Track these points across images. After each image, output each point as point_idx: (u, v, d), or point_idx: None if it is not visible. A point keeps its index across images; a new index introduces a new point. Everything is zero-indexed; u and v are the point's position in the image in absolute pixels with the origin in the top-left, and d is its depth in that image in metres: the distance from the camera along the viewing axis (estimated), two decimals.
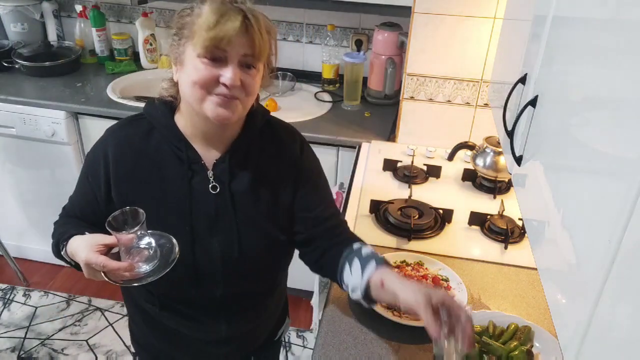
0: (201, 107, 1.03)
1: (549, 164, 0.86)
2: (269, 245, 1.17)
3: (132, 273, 0.99)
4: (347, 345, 1.17)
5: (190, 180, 1.10)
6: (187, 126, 1.10)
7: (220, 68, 1.00)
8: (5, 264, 2.70)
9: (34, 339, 2.39)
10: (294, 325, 2.48)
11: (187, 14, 1.02)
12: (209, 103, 1.02)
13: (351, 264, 1.11)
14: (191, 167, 1.10)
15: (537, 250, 0.88)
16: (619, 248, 0.56)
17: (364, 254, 1.11)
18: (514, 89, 1.09)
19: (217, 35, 0.97)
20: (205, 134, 1.10)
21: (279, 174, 1.17)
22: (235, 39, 0.98)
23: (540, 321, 1.24)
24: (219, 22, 0.97)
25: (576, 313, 0.65)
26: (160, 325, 1.25)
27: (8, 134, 2.37)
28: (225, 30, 0.97)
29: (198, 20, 0.99)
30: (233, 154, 1.13)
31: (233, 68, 1.00)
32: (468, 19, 1.83)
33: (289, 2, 2.29)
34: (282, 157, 1.18)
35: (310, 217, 1.19)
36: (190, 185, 1.10)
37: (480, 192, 1.80)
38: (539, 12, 1.03)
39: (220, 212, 1.12)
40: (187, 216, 1.10)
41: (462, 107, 1.99)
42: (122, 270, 0.97)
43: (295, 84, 2.50)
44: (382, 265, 1.08)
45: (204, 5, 1.00)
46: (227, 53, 1.00)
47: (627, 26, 0.61)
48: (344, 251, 1.15)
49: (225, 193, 1.12)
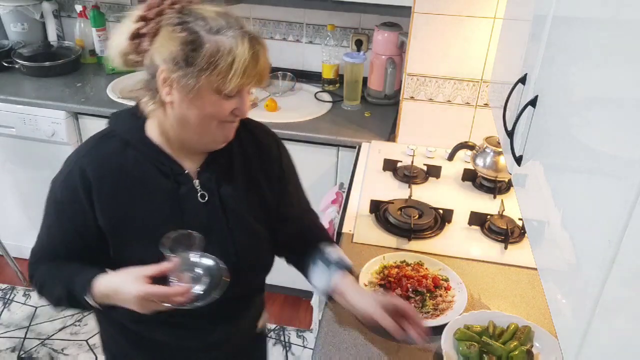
0: (206, 138, 1.04)
1: (549, 164, 0.86)
2: (262, 246, 1.18)
3: (187, 296, 0.97)
4: (347, 345, 1.17)
5: (178, 192, 1.08)
6: (162, 137, 1.06)
7: (233, 99, 1.00)
8: (5, 264, 2.70)
9: (34, 339, 2.39)
10: (294, 325, 2.48)
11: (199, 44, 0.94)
12: (218, 133, 1.04)
13: (320, 266, 1.19)
14: (176, 179, 1.08)
15: (537, 250, 0.88)
16: (619, 248, 0.56)
17: (332, 260, 1.18)
18: (514, 89, 1.09)
19: (252, 78, 0.97)
20: (182, 145, 1.07)
21: (264, 175, 1.18)
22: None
23: (540, 321, 1.24)
24: (256, 66, 0.96)
25: (576, 313, 0.65)
26: (145, 340, 1.19)
27: (8, 134, 2.37)
28: (258, 71, 0.97)
29: (229, 60, 0.93)
30: (215, 160, 1.11)
31: (247, 99, 1.01)
32: (468, 19, 1.83)
33: (289, 2, 2.29)
34: (263, 157, 1.18)
35: (293, 214, 1.24)
36: (179, 197, 1.08)
37: (480, 192, 1.80)
38: (539, 12, 1.03)
39: (212, 220, 1.10)
40: (180, 229, 1.05)
41: (462, 107, 1.99)
42: (179, 296, 0.95)
43: (295, 84, 2.50)
44: (346, 276, 1.17)
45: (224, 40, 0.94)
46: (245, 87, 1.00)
47: (627, 26, 0.61)
48: (316, 253, 1.21)
49: (214, 200, 1.10)
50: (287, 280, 2.49)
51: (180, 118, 1.01)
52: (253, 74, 0.96)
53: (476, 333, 1.16)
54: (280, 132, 2.10)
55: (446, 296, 1.30)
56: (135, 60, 1.00)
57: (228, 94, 0.97)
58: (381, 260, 1.40)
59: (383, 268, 1.38)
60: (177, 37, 0.95)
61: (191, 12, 0.97)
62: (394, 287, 1.29)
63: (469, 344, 1.12)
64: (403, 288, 1.29)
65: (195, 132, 1.03)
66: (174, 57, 0.94)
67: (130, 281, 0.96)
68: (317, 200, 1.93)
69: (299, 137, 2.10)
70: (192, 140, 1.05)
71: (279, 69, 2.58)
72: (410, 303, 1.26)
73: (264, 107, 2.29)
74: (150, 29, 0.97)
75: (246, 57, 0.94)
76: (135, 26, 0.98)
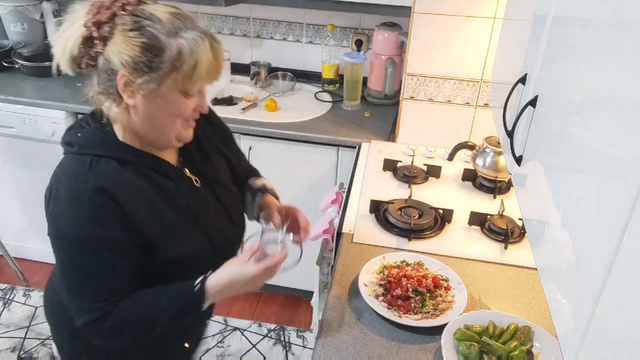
0: (171, 136, 1.05)
1: (549, 164, 0.86)
2: (241, 206, 1.31)
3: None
4: (347, 345, 1.17)
5: (179, 186, 1.11)
6: (138, 140, 1.06)
7: (194, 97, 1.03)
8: (5, 264, 2.70)
9: (34, 339, 2.39)
10: (294, 325, 2.48)
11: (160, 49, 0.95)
12: (182, 131, 1.06)
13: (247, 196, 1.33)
14: (171, 174, 1.10)
15: (537, 250, 0.88)
16: (619, 248, 0.56)
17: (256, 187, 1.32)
18: (514, 89, 1.09)
19: (214, 76, 1.00)
20: (153, 143, 1.09)
21: (221, 140, 1.26)
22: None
23: (540, 321, 1.24)
24: (217, 64, 1.00)
25: (576, 313, 0.65)
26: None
27: (8, 134, 2.37)
28: (218, 69, 1.01)
29: (191, 62, 0.95)
30: (188, 145, 1.14)
31: (206, 95, 1.05)
32: (468, 19, 1.83)
33: (289, 2, 2.29)
34: (213, 125, 1.25)
35: (243, 165, 1.36)
36: (182, 190, 1.11)
37: (480, 192, 1.80)
38: (539, 12, 1.03)
39: (210, 199, 1.17)
40: (198, 220, 1.12)
41: (462, 107, 1.99)
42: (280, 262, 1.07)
43: (295, 84, 2.50)
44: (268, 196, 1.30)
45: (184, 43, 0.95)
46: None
47: (627, 26, 0.61)
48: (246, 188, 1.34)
49: (204, 181, 1.17)
50: (287, 280, 2.50)
51: (145, 120, 1.02)
52: (214, 72, 1.00)
53: (476, 333, 1.16)
54: (281, 132, 2.11)
55: (446, 296, 1.30)
56: (87, 64, 0.99)
57: (191, 94, 1.01)
58: (381, 260, 1.41)
59: (383, 268, 1.38)
60: (137, 42, 0.94)
61: (145, 14, 0.96)
62: (394, 287, 1.29)
63: (469, 344, 1.12)
64: (403, 288, 1.29)
65: (162, 132, 1.05)
66: (135, 62, 0.95)
67: (241, 268, 1.05)
68: (317, 200, 1.93)
69: (299, 137, 2.10)
70: (160, 139, 1.07)
71: (279, 69, 2.58)
72: (410, 303, 1.26)
73: (264, 107, 2.29)
74: (104, 32, 0.95)
75: (209, 57, 0.97)
76: (85, 30, 0.96)
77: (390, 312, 1.24)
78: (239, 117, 2.18)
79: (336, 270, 1.40)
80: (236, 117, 2.18)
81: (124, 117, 1.02)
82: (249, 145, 2.16)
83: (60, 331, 1.25)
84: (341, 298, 1.30)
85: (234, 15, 2.58)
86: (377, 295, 1.29)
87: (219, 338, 2.38)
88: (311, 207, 2.13)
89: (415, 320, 1.22)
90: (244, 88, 2.50)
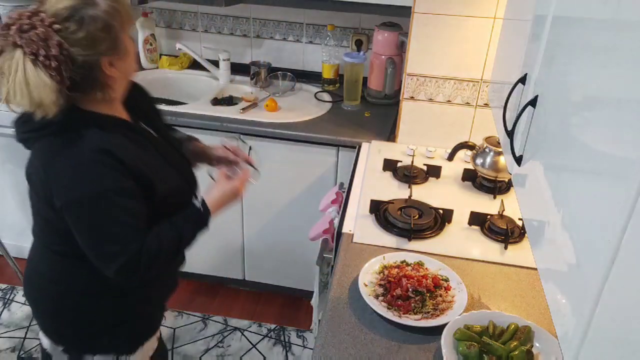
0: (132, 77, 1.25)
1: (549, 164, 0.86)
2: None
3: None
4: (347, 345, 1.17)
5: (151, 140, 1.28)
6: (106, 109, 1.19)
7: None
8: (5, 264, 2.70)
9: (34, 339, 2.39)
10: (294, 325, 2.48)
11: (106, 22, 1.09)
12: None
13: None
14: (140, 132, 1.27)
15: (537, 250, 0.88)
16: (619, 248, 0.56)
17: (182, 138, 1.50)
18: (514, 89, 1.09)
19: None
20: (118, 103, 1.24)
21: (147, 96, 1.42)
22: None
23: (540, 321, 1.24)
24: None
25: (576, 313, 0.65)
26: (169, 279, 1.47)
27: (8, 134, 2.37)
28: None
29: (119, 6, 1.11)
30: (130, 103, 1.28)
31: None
32: (468, 19, 1.83)
33: (289, 2, 2.29)
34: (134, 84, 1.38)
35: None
36: (155, 143, 1.29)
37: (480, 192, 1.80)
38: (539, 12, 1.03)
39: (168, 146, 1.34)
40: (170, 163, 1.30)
41: (462, 107, 1.99)
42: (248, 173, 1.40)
43: (295, 84, 2.50)
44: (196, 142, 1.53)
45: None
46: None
47: (627, 26, 0.61)
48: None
49: (157, 132, 1.34)
50: (287, 281, 2.50)
51: (122, 79, 1.19)
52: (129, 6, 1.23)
53: (476, 333, 1.16)
54: (280, 132, 2.11)
55: (446, 296, 1.30)
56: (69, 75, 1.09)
57: (130, 33, 1.18)
58: (381, 260, 1.41)
59: (383, 268, 1.38)
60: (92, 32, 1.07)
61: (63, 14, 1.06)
62: (394, 287, 1.29)
63: (469, 344, 1.12)
64: (403, 288, 1.29)
65: (130, 77, 1.23)
66: (107, 44, 1.10)
67: (224, 184, 1.33)
68: (317, 200, 1.93)
69: (299, 137, 2.10)
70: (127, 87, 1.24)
71: (279, 69, 2.58)
72: (410, 303, 1.26)
73: (264, 107, 2.29)
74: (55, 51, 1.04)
75: None
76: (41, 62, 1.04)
77: (390, 312, 1.24)
78: (239, 117, 2.18)
79: (336, 270, 1.40)
80: (236, 117, 2.18)
81: (106, 94, 1.16)
82: (249, 145, 2.16)
83: (45, 307, 1.32)
84: (341, 298, 1.30)
85: (233, 15, 2.58)
86: (377, 296, 1.29)
87: (219, 338, 2.38)
88: (311, 207, 2.13)
89: (415, 320, 1.22)
90: (243, 88, 2.50)
